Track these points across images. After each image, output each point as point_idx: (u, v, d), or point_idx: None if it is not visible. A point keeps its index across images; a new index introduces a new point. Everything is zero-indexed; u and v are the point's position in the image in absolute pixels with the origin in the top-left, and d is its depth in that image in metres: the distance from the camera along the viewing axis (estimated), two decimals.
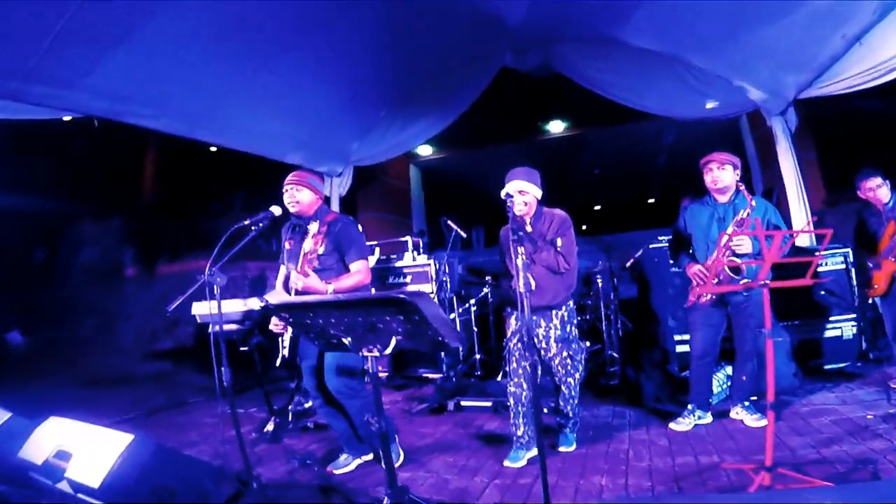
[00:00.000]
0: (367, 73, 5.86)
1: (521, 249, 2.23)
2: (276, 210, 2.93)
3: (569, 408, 3.15)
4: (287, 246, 3.10)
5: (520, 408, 3.06)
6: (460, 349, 4.99)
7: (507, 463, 3.01)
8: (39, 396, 5.38)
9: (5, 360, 7.22)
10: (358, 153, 6.63)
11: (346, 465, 3.10)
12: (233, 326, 3.78)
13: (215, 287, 2.72)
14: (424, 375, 5.13)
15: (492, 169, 10.74)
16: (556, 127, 9.23)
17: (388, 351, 1.93)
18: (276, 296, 2.76)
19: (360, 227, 3.03)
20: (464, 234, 5.02)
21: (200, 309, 3.74)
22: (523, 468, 2.97)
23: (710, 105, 5.99)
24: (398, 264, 5.26)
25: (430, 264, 5.03)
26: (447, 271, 4.94)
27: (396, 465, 3.12)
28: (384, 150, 6.71)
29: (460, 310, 5.14)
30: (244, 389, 5.41)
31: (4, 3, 3.29)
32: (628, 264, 4.82)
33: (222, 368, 2.71)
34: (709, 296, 3.22)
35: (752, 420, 3.27)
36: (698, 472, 2.69)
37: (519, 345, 3.04)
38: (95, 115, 4.25)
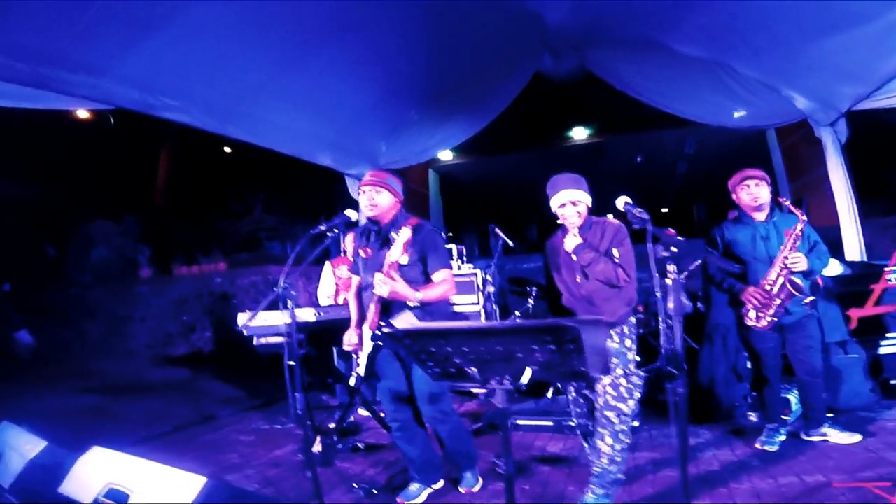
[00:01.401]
0: (400, 73, 5.67)
1: (671, 267, 1.98)
2: (352, 214, 2.75)
3: (609, 448, 2.54)
4: (362, 254, 2.85)
5: (590, 440, 2.83)
6: None
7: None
8: (52, 405, 5.11)
9: (14, 362, 6.89)
10: (386, 156, 6.40)
11: (417, 495, 2.86)
12: (280, 339, 3.56)
13: (289, 301, 2.51)
14: (469, 390, 4.88)
15: (511, 176, 10.68)
16: (579, 134, 9.09)
17: (523, 381, 1.73)
18: (404, 320, 2.52)
19: (442, 235, 2.81)
20: (511, 243, 4.81)
21: (246, 320, 3.49)
22: None
23: (737, 114, 5.90)
24: None
25: (476, 274, 4.81)
26: (492, 281, 4.73)
27: (475, 489, 2.95)
28: (413, 153, 6.49)
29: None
30: (274, 401, 5.16)
31: None
32: (683, 276, 4.62)
33: (296, 394, 2.49)
34: (770, 318, 3.07)
35: (846, 437, 3.14)
36: (808, 492, 2.56)
37: None
38: (125, 106, 3.98)
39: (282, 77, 4.62)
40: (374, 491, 2.99)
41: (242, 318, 3.46)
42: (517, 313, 4.93)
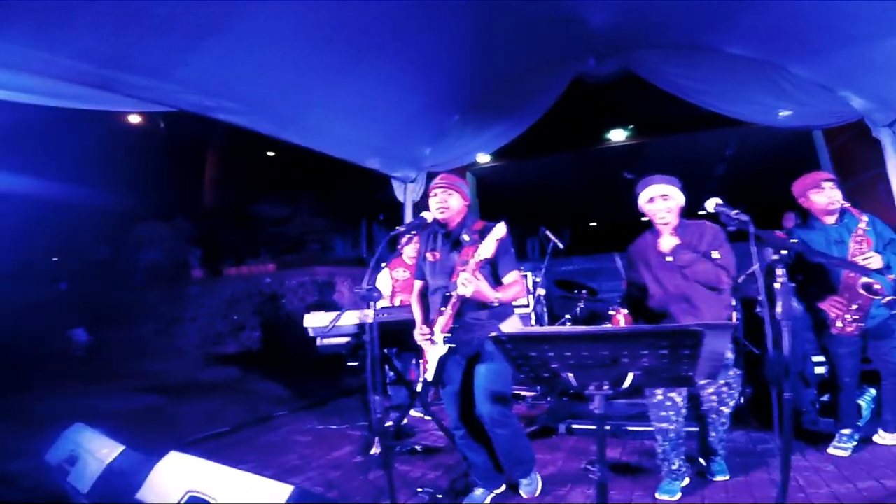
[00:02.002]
0: (446, 78, 5.72)
1: (779, 271, 1.96)
2: (428, 216, 2.77)
3: (718, 441, 2.92)
4: (429, 258, 2.85)
5: (665, 443, 2.80)
6: None
7: (661, 496, 2.76)
8: (108, 406, 5.22)
9: (70, 361, 7.11)
10: (431, 159, 6.46)
11: (482, 500, 2.84)
12: (343, 340, 3.59)
13: (372, 302, 2.55)
14: (518, 393, 4.87)
15: (547, 178, 10.62)
16: (617, 136, 9.01)
17: (624, 387, 1.73)
18: (510, 325, 2.54)
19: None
20: (561, 245, 4.80)
21: (313, 321, 3.52)
22: (679, 500, 2.74)
23: (783, 114, 5.78)
24: None
25: (527, 276, 4.81)
26: (542, 283, 4.72)
27: (535, 494, 2.91)
28: (456, 156, 6.52)
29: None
30: (325, 401, 5.23)
31: None
32: (741, 279, 4.55)
33: (376, 397, 2.51)
34: (856, 324, 3.00)
35: None
36: (891, 495, 2.53)
37: None
38: (183, 108, 4.11)
39: (335, 83, 4.71)
40: (439, 496, 2.96)
41: (310, 320, 3.48)
42: (567, 317, 4.91)
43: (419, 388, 2.87)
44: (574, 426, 4.00)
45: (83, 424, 3.08)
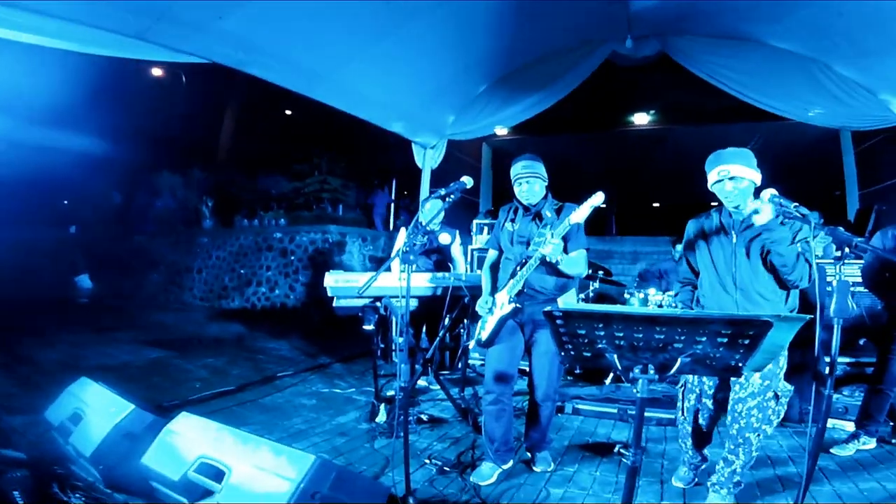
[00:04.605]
0: (478, 47, 5.58)
1: (846, 270, 1.90)
2: (468, 181, 2.78)
3: (740, 463, 2.41)
4: (509, 228, 2.96)
5: (689, 442, 2.71)
6: None
7: (676, 482, 2.76)
8: (114, 358, 5.11)
9: (74, 308, 7.03)
10: (453, 127, 6.36)
11: (489, 476, 2.84)
12: (361, 302, 3.53)
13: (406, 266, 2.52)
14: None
15: (564, 157, 10.46)
16: (640, 119, 8.86)
17: (670, 373, 1.68)
18: (567, 298, 2.55)
19: None
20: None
21: (333, 281, 3.45)
22: (692, 489, 2.73)
23: (812, 113, 5.68)
24: None
25: None
26: None
27: (549, 469, 2.96)
28: (477, 127, 6.43)
29: None
30: (329, 364, 5.20)
31: None
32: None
33: (403, 366, 2.49)
34: None
35: None
36: (892, 497, 2.56)
37: (706, 380, 2.52)
38: (218, 60, 4.00)
39: (372, 46, 4.63)
40: (446, 468, 2.94)
41: (331, 279, 3.42)
42: (581, 296, 4.88)
43: (470, 345, 2.92)
44: (579, 406, 3.99)
45: (89, 379, 2.85)
